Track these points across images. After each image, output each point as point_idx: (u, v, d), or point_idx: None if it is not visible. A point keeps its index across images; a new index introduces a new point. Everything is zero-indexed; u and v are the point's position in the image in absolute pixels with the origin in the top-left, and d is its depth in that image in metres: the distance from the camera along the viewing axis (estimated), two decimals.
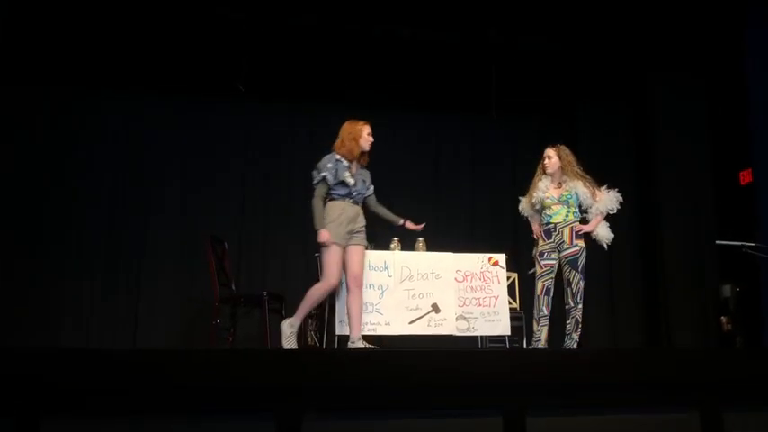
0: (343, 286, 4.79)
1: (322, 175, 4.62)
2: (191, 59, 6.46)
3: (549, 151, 4.94)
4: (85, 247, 6.52)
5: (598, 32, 6.47)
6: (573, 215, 4.83)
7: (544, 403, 2.50)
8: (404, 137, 7.40)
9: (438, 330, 5.09)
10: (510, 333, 5.36)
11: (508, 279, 5.68)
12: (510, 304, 5.65)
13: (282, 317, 5.60)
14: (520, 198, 5.14)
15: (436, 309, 5.16)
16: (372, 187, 4.84)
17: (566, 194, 4.83)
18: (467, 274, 5.28)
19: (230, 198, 7.00)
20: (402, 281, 5.11)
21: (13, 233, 6.24)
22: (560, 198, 4.83)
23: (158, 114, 6.91)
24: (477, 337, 5.43)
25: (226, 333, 5.48)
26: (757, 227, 5.80)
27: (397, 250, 5.40)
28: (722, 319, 6.44)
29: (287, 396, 2.31)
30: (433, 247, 5.62)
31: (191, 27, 6.14)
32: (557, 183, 4.90)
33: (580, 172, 4.86)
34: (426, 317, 5.08)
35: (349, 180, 4.63)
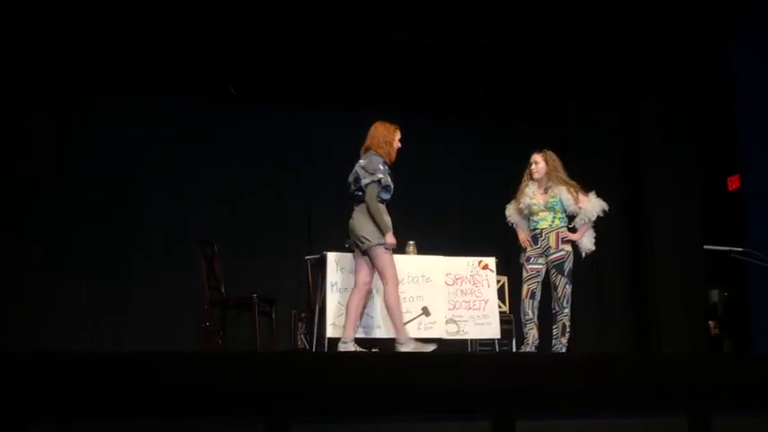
0: (351, 290, 4.75)
1: (378, 177, 4.54)
2: (182, 60, 6.44)
3: (536, 157, 4.96)
4: (74, 248, 6.47)
5: (589, 37, 6.51)
6: (559, 221, 4.84)
7: (532, 407, 2.51)
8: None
9: (428, 333, 5.09)
10: (500, 336, 5.37)
11: (498, 282, 5.69)
12: (500, 308, 5.66)
13: (272, 320, 5.60)
14: (507, 206, 5.15)
15: (426, 312, 5.17)
16: None
17: (551, 201, 4.84)
18: (457, 277, 5.29)
19: (221, 200, 6.97)
20: None
21: (1, 234, 6.19)
22: (546, 204, 4.85)
23: (149, 115, 6.87)
24: (466, 340, 5.43)
25: (215, 336, 5.46)
26: (745, 232, 5.84)
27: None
28: (710, 323, 6.48)
29: (276, 399, 2.31)
30: (424, 251, 5.62)
31: (183, 27, 6.12)
32: (543, 188, 4.91)
33: (565, 178, 4.87)
34: (417, 320, 5.09)
35: (391, 184, 4.64)
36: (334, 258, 5.08)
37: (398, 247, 5.58)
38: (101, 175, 6.68)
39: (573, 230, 4.89)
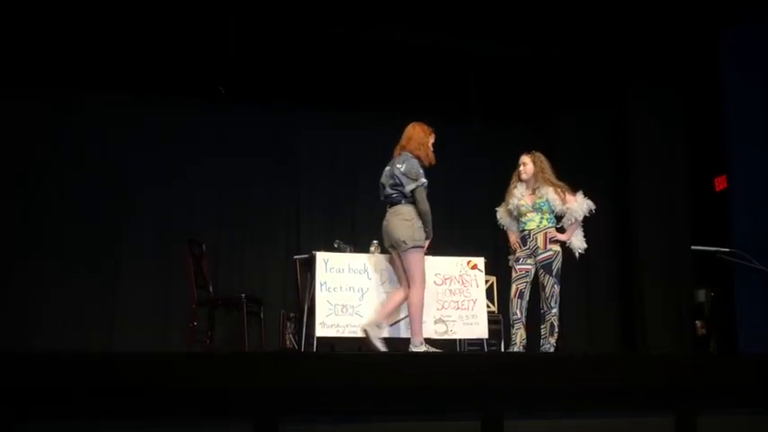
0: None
1: (422, 181, 4.62)
2: (170, 59, 6.40)
3: (525, 158, 4.99)
4: (60, 248, 6.43)
5: (578, 40, 6.53)
6: (547, 221, 4.87)
7: (521, 406, 2.52)
8: (385, 140, 7.38)
9: None
10: (488, 336, 5.38)
11: (486, 282, 5.70)
12: (488, 308, 5.68)
13: (261, 319, 5.59)
14: (496, 209, 5.17)
15: None
16: None
17: (539, 202, 4.87)
18: (445, 277, 5.29)
19: (209, 200, 6.96)
20: (382, 283, 5.11)
21: None
22: (534, 205, 4.88)
23: (137, 115, 6.85)
24: (455, 340, 5.44)
25: (204, 336, 5.44)
26: (732, 233, 5.88)
27: (376, 253, 5.40)
28: (697, 323, 6.53)
29: (265, 399, 2.30)
30: None
31: (175, 25, 6.07)
32: (531, 190, 4.94)
33: (552, 179, 4.90)
34: (406, 320, 5.08)
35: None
36: (322, 258, 5.07)
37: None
38: (88, 174, 6.64)
39: (561, 231, 4.92)
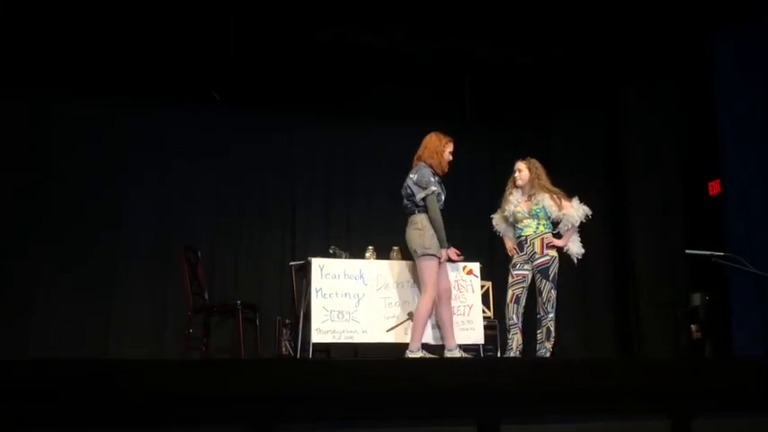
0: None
1: (432, 189, 4.64)
2: (166, 64, 6.39)
3: (520, 164, 5.01)
4: (56, 254, 6.41)
5: (572, 44, 6.55)
6: (543, 227, 4.89)
7: (517, 411, 2.52)
8: (379, 144, 7.41)
9: None
10: (484, 342, 5.38)
11: (482, 288, 5.70)
12: (484, 313, 5.67)
13: (256, 326, 5.58)
14: (492, 216, 5.18)
15: (413, 317, 5.15)
16: None
17: (535, 208, 4.89)
18: None
19: (204, 206, 6.95)
20: (378, 289, 5.11)
21: None
22: (530, 212, 4.90)
23: (133, 120, 6.84)
24: None
25: (199, 342, 5.43)
26: (726, 236, 5.90)
27: (372, 259, 5.40)
28: (692, 327, 6.53)
29: (259, 406, 2.30)
30: (409, 256, 5.62)
31: (168, 30, 6.07)
32: (527, 196, 4.96)
33: (548, 185, 4.92)
34: (403, 325, 5.08)
35: (443, 193, 4.72)
36: (318, 264, 5.07)
37: (383, 253, 5.60)
38: (84, 179, 6.63)
39: (558, 236, 4.93)
